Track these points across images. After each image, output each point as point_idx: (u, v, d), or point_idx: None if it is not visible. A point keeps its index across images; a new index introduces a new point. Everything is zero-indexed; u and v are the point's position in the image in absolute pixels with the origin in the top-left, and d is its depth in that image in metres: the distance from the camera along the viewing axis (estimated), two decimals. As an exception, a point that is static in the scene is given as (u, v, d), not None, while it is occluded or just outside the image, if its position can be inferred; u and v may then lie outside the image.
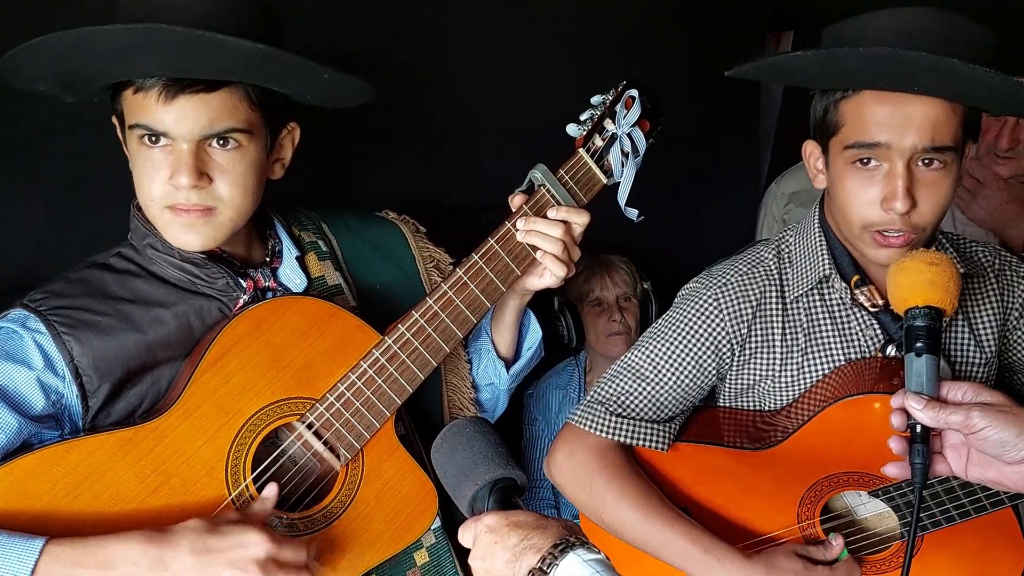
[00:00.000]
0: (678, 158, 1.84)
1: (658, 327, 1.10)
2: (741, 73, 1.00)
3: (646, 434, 1.06)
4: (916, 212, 0.93)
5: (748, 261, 1.10)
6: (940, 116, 0.91)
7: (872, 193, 0.94)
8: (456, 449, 0.77)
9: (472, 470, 0.75)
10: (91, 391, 0.89)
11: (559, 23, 1.66)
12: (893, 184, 0.92)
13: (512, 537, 0.68)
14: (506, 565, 0.67)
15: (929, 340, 0.79)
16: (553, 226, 1.01)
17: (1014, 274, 1.08)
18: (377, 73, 1.27)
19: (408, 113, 1.49)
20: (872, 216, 0.95)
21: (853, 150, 0.95)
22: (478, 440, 0.76)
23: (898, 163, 0.92)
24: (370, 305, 1.06)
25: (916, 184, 0.92)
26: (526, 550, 0.66)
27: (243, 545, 0.82)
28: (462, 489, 0.75)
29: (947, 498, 0.99)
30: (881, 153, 0.93)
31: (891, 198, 0.92)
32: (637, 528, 1.02)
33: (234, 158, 0.89)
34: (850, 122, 0.95)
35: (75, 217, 1.19)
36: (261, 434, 0.92)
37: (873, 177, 0.94)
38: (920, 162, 0.93)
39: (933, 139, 0.91)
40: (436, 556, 1.06)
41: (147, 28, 0.80)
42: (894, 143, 0.92)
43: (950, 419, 0.75)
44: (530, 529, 0.68)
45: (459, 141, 1.58)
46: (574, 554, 0.64)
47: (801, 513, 1.04)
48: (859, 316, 1.04)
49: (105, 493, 0.85)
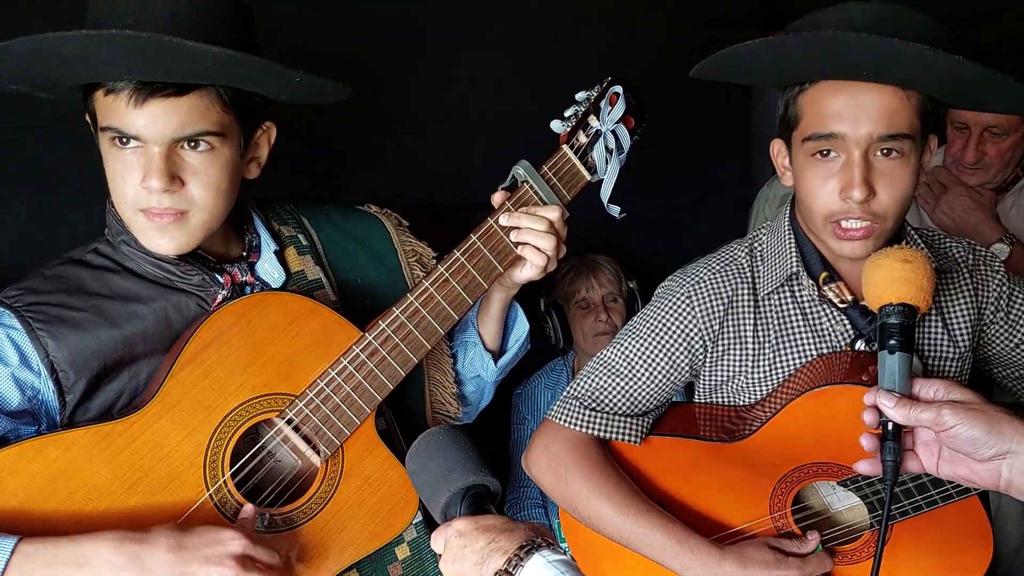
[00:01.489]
0: (670, 158, 1.86)
1: (633, 324, 1.12)
2: (701, 72, 1.00)
3: (619, 428, 1.07)
4: (875, 201, 0.94)
5: (721, 259, 1.11)
6: (893, 104, 0.92)
7: (831, 184, 0.95)
8: (430, 457, 0.78)
9: (445, 477, 0.76)
10: (67, 386, 0.88)
11: (550, 23, 1.66)
12: (850, 173, 0.93)
13: (480, 540, 0.69)
14: (474, 567, 0.68)
15: (902, 337, 0.80)
16: (538, 221, 1.01)
17: (988, 268, 1.10)
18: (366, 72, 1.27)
19: (397, 112, 1.49)
20: (833, 206, 0.96)
21: (811, 142, 0.96)
22: (451, 448, 0.77)
23: (855, 152, 0.93)
24: (351, 299, 1.06)
25: (874, 173, 0.94)
26: (493, 552, 0.67)
27: (219, 541, 0.82)
28: (435, 496, 0.76)
29: (914, 487, 1.01)
30: (838, 144, 0.94)
31: (848, 187, 0.93)
32: (611, 520, 1.04)
33: (206, 160, 0.89)
34: (807, 115, 0.97)
35: (55, 213, 1.18)
36: (240, 430, 0.91)
37: (832, 168, 0.96)
38: (878, 152, 0.94)
39: (889, 127, 0.92)
40: (417, 551, 1.07)
41: (111, 35, 0.78)
42: (849, 133, 0.93)
43: (921, 417, 0.76)
44: (498, 532, 0.69)
45: (449, 140, 1.58)
46: (539, 555, 0.65)
47: (773, 504, 1.06)
48: (829, 312, 1.05)
49: (82, 489, 0.85)
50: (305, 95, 0.96)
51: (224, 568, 0.81)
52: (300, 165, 1.31)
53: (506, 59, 1.60)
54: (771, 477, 1.06)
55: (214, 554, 0.81)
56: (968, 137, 1.62)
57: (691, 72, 1.02)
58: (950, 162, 1.68)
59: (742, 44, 0.94)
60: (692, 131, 1.94)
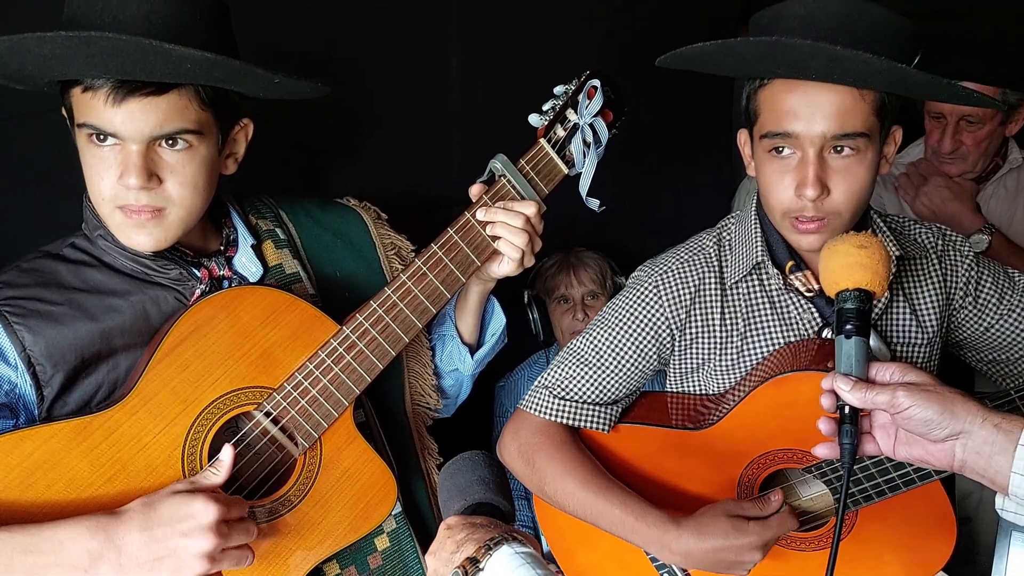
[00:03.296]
0: (652, 151, 1.87)
1: (603, 314, 1.14)
2: (665, 62, 1.02)
3: (588, 416, 1.10)
4: (829, 199, 0.96)
5: (690, 248, 1.13)
6: (847, 103, 0.93)
7: (787, 180, 0.97)
8: (460, 471, 0.82)
9: (466, 488, 0.79)
10: (45, 380, 0.89)
11: (528, 17, 1.67)
12: (804, 171, 0.95)
13: (461, 533, 0.73)
14: (450, 556, 0.71)
15: (858, 322, 0.81)
16: (514, 216, 1.02)
17: (957, 254, 1.12)
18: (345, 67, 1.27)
19: (376, 106, 1.49)
20: (789, 203, 0.98)
21: (768, 139, 0.98)
22: (481, 468, 0.81)
23: (809, 151, 0.95)
24: (330, 293, 1.07)
25: (829, 171, 0.95)
26: (467, 542, 0.71)
27: (192, 515, 0.81)
28: (451, 504, 0.79)
29: (876, 471, 1.03)
30: (793, 142, 0.96)
31: (803, 184, 0.95)
32: (574, 497, 1.06)
33: (184, 158, 0.89)
34: (765, 111, 0.99)
35: (31, 207, 1.17)
36: (219, 422, 0.92)
37: (788, 165, 0.97)
38: (832, 149, 0.96)
39: (842, 126, 0.93)
40: (397, 541, 1.08)
41: (90, 36, 0.79)
42: (803, 132, 0.95)
43: (876, 399, 0.78)
44: (477, 527, 0.73)
45: (427, 134, 1.58)
46: (507, 546, 0.68)
47: (741, 491, 1.09)
48: (795, 301, 1.07)
49: (59, 482, 0.85)
50: (284, 93, 0.97)
51: (203, 539, 0.81)
52: (280, 159, 1.31)
53: (484, 53, 1.60)
54: (738, 464, 1.08)
55: (189, 528, 0.81)
56: (945, 127, 1.62)
57: (656, 61, 1.03)
58: (930, 153, 1.69)
59: (693, 46, 0.95)
60: (673, 123, 1.96)
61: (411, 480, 1.13)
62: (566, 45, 1.69)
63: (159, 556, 0.80)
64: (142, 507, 0.82)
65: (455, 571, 0.68)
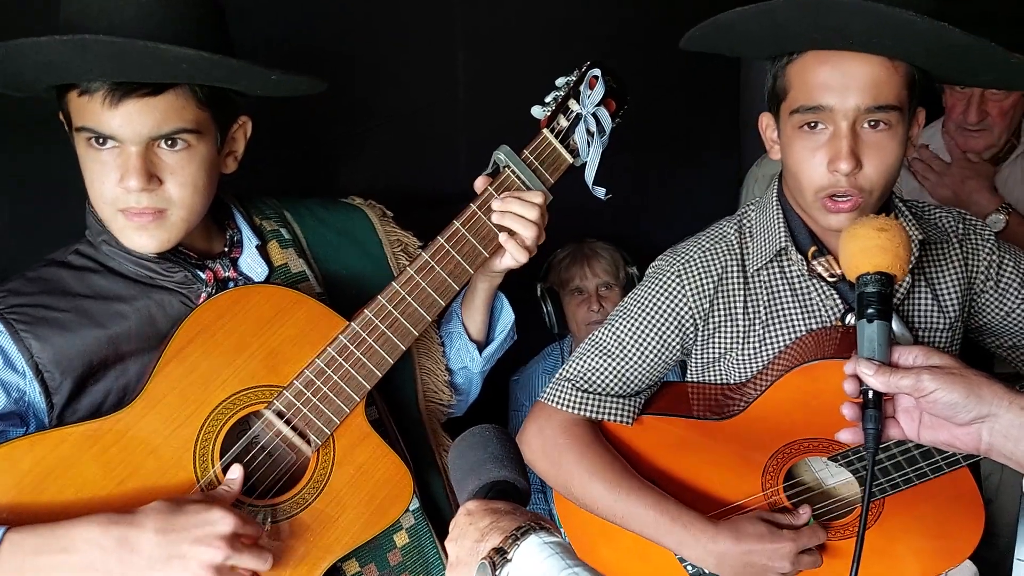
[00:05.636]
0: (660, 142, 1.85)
1: (624, 305, 1.12)
2: (691, 43, 1.00)
3: (611, 409, 1.08)
4: (861, 174, 0.94)
5: (711, 237, 1.11)
6: (881, 74, 0.92)
7: (819, 156, 0.95)
8: (471, 448, 0.79)
9: (480, 467, 0.76)
10: (53, 388, 0.89)
11: (533, 9, 1.65)
12: (838, 145, 0.93)
13: (484, 520, 0.70)
14: (473, 545, 0.68)
15: (880, 306, 0.80)
16: (529, 208, 1.01)
17: (978, 237, 1.10)
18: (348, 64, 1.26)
19: (381, 104, 1.48)
20: (821, 180, 0.96)
21: (799, 115, 0.96)
22: (493, 444, 0.78)
23: (842, 124, 0.93)
24: (337, 291, 1.06)
25: (861, 145, 0.94)
26: (492, 531, 0.68)
27: (209, 522, 0.82)
28: (465, 482, 0.77)
29: (904, 460, 1.01)
30: (826, 116, 0.94)
31: (836, 159, 0.93)
32: (605, 499, 1.04)
33: (183, 158, 0.89)
34: (795, 86, 0.97)
35: (35, 216, 1.18)
36: (229, 422, 0.92)
37: (819, 140, 0.95)
38: (865, 123, 0.94)
39: (876, 98, 0.92)
40: (416, 537, 1.07)
41: (82, 39, 0.78)
42: (837, 105, 0.93)
43: (900, 383, 0.76)
44: (502, 514, 0.70)
45: (432, 129, 1.57)
46: (535, 536, 0.66)
47: (765, 481, 1.07)
48: (818, 287, 1.05)
49: (71, 486, 0.85)
50: (282, 90, 0.96)
51: (213, 548, 0.81)
52: (286, 159, 1.31)
53: (490, 45, 1.59)
54: (763, 454, 1.06)
55: (203, 534, 0.81)
56: (969, 98, 1.61)
57: (680, 43, 1.01)
58: (953, 128, 1.67)
59: (729, 12, 0.93)
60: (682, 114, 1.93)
61: (428, 476, 1.12)
62: (573, 37, 1.67)
63: (168, 557, 0.80)
64: (160, 509, 0.82)
65: (482, 563, 0.66)
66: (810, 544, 1.02)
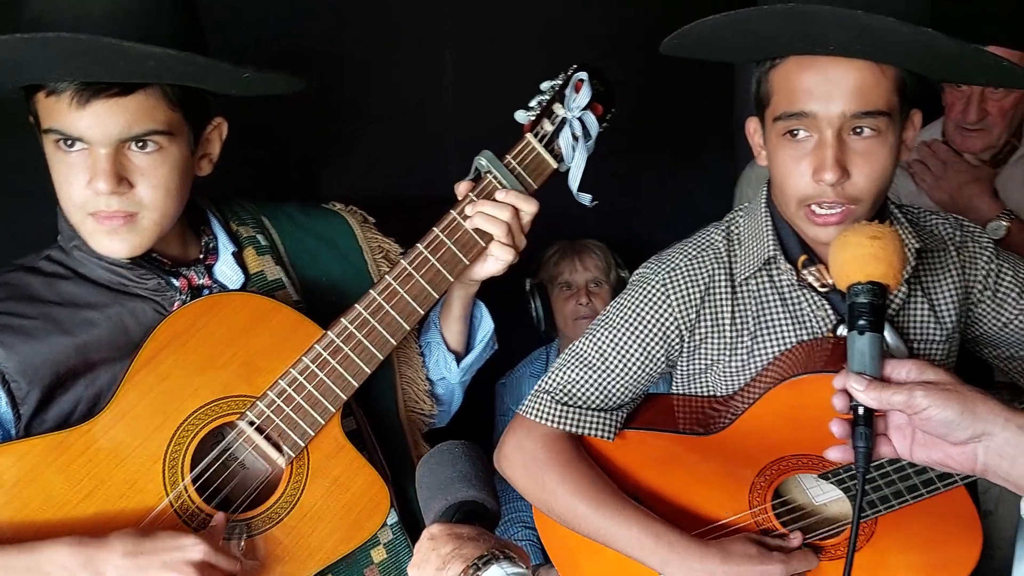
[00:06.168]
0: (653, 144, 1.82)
1: (607, 314, 1.08)
2: (671, 49, 0.97)
3: (592, 423, 1.04)
4: (849, 183, 0.91)
5: (697, 244, 1.08)
6: (867, 79, 0.88)
7: (803, 165, 0.92)
8: (440, 465, 0.77)
9: (448, 486, 0.74)
10: (20, 397, 0.87)
11: (522, 8, 1.64)
12: (822, 154, 0.89)
13: (447, 546, 0.68)
14: (435, 573, 0.67)
15: (872, 317, 0.76)
16: (501, 208, 0.98)
17: (976, 245, 1.06)
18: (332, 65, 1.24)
19: (369, 104, 1.47)
20: (806, 189, 0.92)
21: (782, 122, 0.93)
22: (462, 461, 0.76)
23: (827, 132, 0.89)
24: (317, 299, 1.04)
25: (849, 154, 0.90)
26: (455, 559, 0.66)
27: (179, 548, 0.81)
28: (432, 503, 0.75)
29: (897, 476, 0.97)
30: (809, 123, 0.91)
31: (821, 169, 0.90)
32: (588, 518, 1.01)
33: (155, 161, 0.87)
34: (778, 92, 0.93)
35: (10, 220, 1.16)
36: (200, 434, 0.89)
37: (804, 149, 0.92)
38: (852, 131, 0.90)
39: (862, 104, 0.88)
40: (394, 553, 1.04)
41: (44, 37, 0.76)
42: (821, 112, 0.89)
43: (892, 399, 0.72)
44: (465, 540, 0.68)
45: (420, 134, 1.56)
46: (497, 566, 0.64)
47: (752, 499, 1.03)
48: (809, 297, 1.02)
49: (36, 499, 0.83)
50: (256, 89, 0.94)
51: (182, 575, 0.79)
52: (265, 163, 1.29)
53: (478, 45, 1.57)
54: (750, 470, 1.02)
55: (172, 560, 0.80)
56: (968, 96, 1.55)
57: (660, 48, 0.98)
58: (952, 128, 1.62)
59: (704, 20, 0.90)
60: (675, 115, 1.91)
61: (408, 489, 1.09)
62: (564, 37, 1.65)
63: None
64: (131, 533, 0.81)
65: None
66: (800, 569, 0.99)
